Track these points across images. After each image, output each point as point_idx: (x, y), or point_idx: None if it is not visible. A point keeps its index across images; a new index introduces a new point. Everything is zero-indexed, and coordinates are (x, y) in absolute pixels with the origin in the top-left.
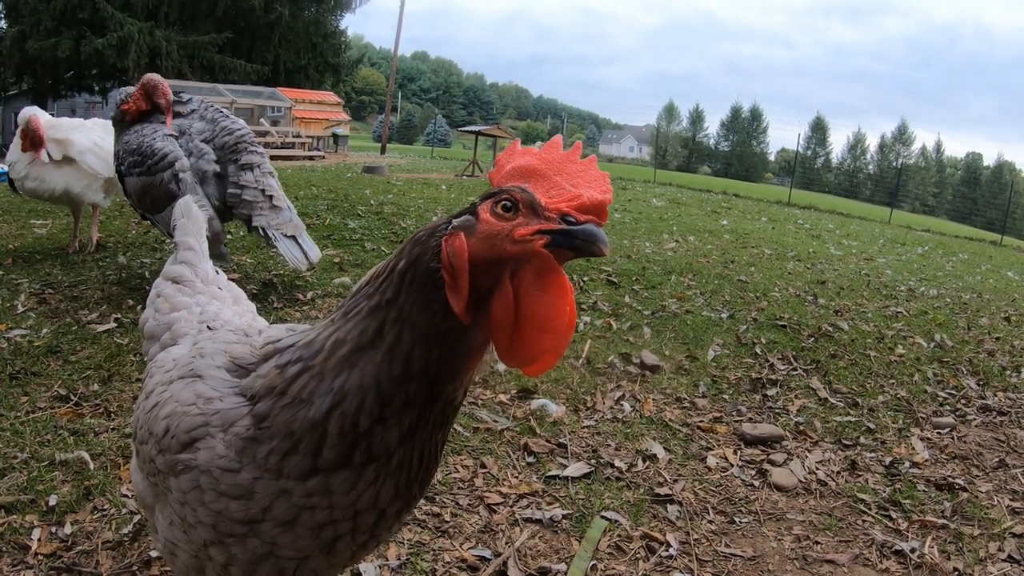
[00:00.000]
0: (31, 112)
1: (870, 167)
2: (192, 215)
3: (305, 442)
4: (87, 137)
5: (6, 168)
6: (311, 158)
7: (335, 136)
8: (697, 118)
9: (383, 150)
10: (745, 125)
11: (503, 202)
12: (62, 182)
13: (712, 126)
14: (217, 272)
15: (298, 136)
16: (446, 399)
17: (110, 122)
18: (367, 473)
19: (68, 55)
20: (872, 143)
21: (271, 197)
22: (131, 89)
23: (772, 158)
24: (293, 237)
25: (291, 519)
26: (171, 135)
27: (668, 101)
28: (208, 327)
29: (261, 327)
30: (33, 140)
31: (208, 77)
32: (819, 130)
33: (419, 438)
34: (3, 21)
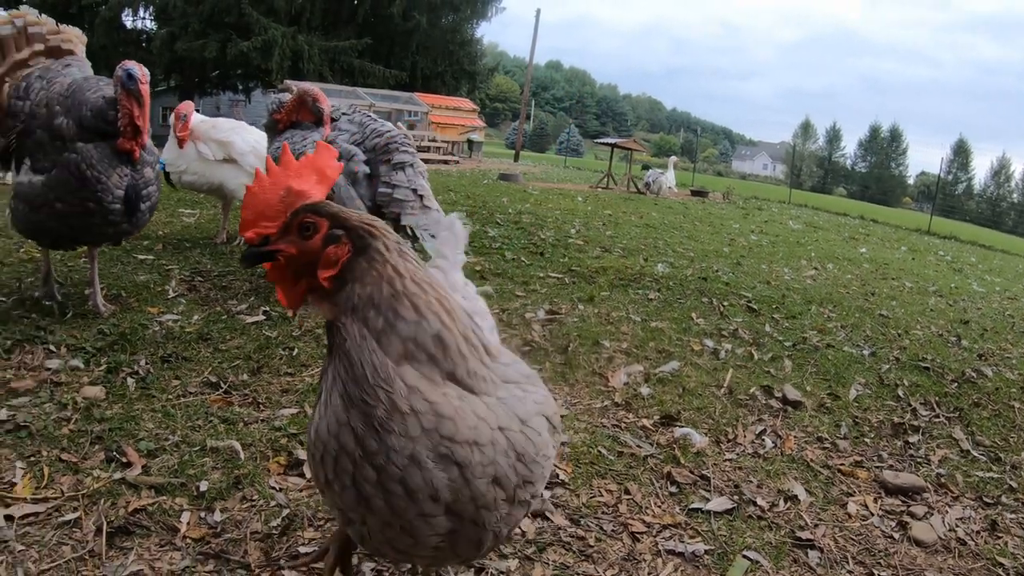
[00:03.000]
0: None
1: (1014, 195)
2: (455, 230)
3: None
4: (244, 139)
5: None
6: (446, 162)
7: (470, 142)
8: (834, 136)
9: (516, 157)
10: (884, 145)
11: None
12: (218, 177)
13: (849, 145)
14: (465, 283)
15: (434, 140)
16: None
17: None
18: None
19: (215, 56)
20: (1017, 169)
21: (422, 197)
22: (284, 97)
23: (911, 182)
24: None
25: None
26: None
27: (804, 118)
28: None
29: (494, 344)
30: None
31: (348, 81)
32: (961, 153)
33: None
34: (153, 23)
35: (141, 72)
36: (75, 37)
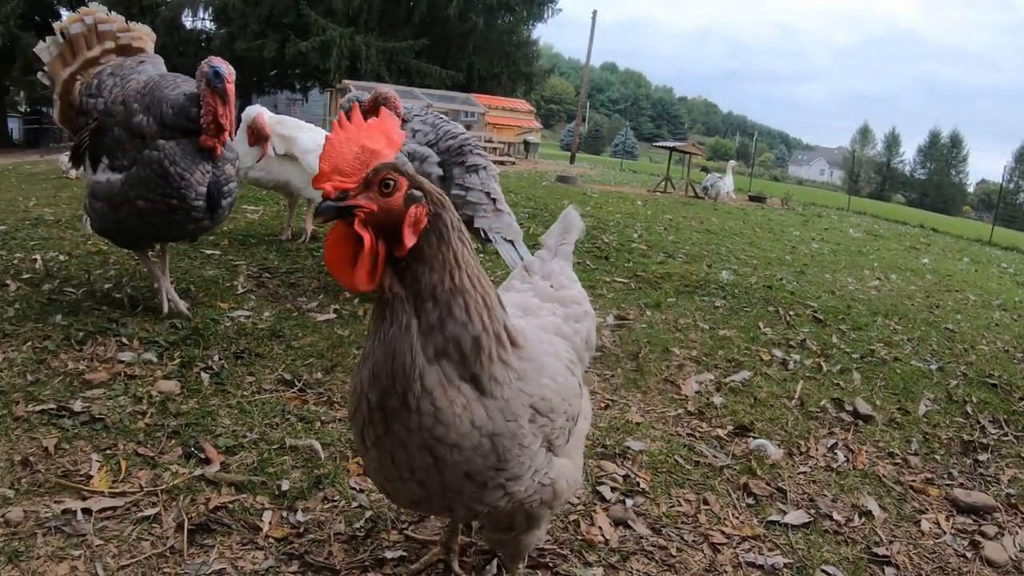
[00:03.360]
0: (256, 111)
1: None
2: (568, 221)
3: None
4: (310, 138)
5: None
6: (502, 163)
7: (526, 143)
8: (892, 142)
9: (572, 159)
10: (944, 152)
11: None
12: (284, 175)
13: (908, 151)
14: (560, 271)
15: (490, 141)
16: None
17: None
18: None
19: (273, 56)
20: None
21: (495, 200)
22: (363, 96)
23: (971, 190)
24: (511, 242)
25: None
26: None
27: (863, 123)
28: None
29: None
30: (259, 136)
31: (404, 81)
32: (1023, 161)
33: None
34: (212, 23)
35: (228, 70)
36: (145, 34)
